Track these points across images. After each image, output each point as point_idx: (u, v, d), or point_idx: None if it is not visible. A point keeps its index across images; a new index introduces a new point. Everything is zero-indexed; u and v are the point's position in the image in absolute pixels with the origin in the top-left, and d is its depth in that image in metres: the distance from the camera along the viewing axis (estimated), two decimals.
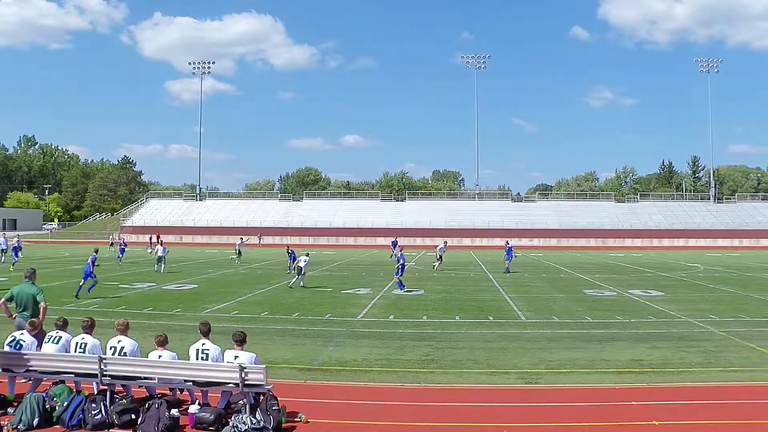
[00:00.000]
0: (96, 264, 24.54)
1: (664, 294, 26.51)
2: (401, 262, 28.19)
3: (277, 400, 9.36)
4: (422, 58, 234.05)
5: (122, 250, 44.50)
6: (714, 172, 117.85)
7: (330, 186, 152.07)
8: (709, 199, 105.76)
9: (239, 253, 45.64)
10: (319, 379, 12.19)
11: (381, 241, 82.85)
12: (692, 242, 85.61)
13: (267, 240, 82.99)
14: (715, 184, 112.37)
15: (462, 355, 14.47)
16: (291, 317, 19.82)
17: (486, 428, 9.38)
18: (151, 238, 48.19)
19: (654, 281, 32.55)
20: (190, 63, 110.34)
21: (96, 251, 26.33)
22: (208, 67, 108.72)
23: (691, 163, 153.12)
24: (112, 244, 61.16)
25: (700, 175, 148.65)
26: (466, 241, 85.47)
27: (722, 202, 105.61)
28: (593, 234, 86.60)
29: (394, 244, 52.04)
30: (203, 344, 9.90)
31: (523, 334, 17.15)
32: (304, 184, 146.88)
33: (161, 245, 36.83)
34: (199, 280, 31.25)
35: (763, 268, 41.57)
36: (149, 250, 43.10)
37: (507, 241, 41.93)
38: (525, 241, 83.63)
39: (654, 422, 9.53)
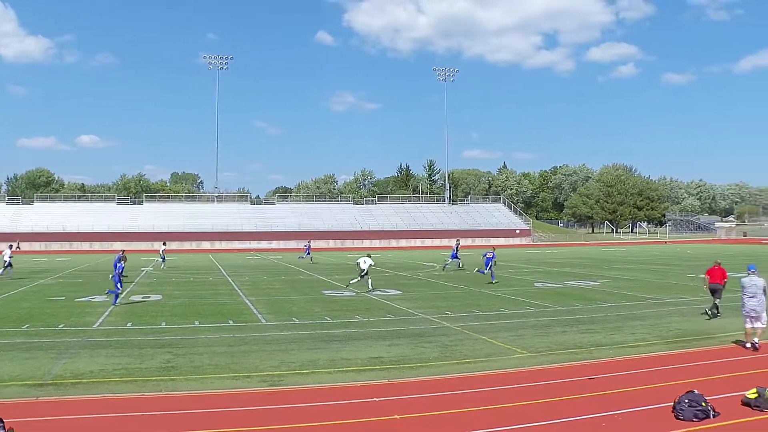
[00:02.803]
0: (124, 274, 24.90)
1: (402, 292, 28.01)
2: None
3: (4, 422, 8.81)
4: (164, 56, 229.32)
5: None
6: (449, 176, 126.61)
7: (63, 188, 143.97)
8: (444, 201, 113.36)
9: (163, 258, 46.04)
10: (52, 394, 11.52)
11: (118, 246, 79.44)
12: (428, 242, 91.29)
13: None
14: (450, 187, 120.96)
15: (203, 360, 14.40)
16: (20, 329, 18.58)
17: None
18: (11, 246, 41.92)
19: (392, 280, 34.25)
20: None
21: (124, 259, 25.57)
22: None
23: (427, 167, 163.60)
24: None
25: (436, 178, 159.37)
26: (206, 245, 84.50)
27: (456, 204, 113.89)
28: (332, 236, 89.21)
29: (308, 247, 54.37)
30: None
31: (264, 337, 17.37)
32: (34, 187, 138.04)
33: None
34: None
35: None
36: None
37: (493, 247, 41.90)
38: (264, 244, 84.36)
39: (396, 416, 10.10)
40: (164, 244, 50.39)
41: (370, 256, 29.55)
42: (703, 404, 9.93)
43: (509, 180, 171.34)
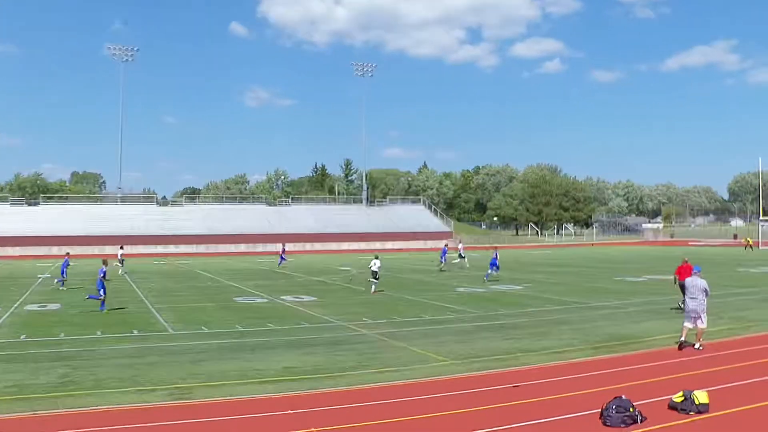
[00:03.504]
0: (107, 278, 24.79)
1: (317, 299, 27.78)
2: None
3: None
4: (66, 47, 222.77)
5: None
6: (367, 176, 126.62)
7: None
8: (361, 202, 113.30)
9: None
10: None
11: (11, 251, 76.71)
12: (345, 245, 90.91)
13: None
14: (368, 188, 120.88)
15: (105, 373, 13.89)
16: None
17: None
18: None
19: (306, 286, 33.95)
20: None
21: (105, 263, 25.72)
22: None
23: (344, 167, 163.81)
24: None
25: (353, 178, 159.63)
26: (108, 249, 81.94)
27: (374, 205, 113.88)
28: (244, 239, 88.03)
29: (283, 251, 53.10)
30: None
31: (171, 347, 16.98)
32: None
33: None
34: None
35: (412, 269, 45.38)
36: None
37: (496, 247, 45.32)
38: (171, 248, 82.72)
39: (312, 429, 9.80)
40: (121, 247, 49.09)
41: (377, 258, 30.08)
42: (631, 410, 9.99)
43: (430, 180, 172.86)
